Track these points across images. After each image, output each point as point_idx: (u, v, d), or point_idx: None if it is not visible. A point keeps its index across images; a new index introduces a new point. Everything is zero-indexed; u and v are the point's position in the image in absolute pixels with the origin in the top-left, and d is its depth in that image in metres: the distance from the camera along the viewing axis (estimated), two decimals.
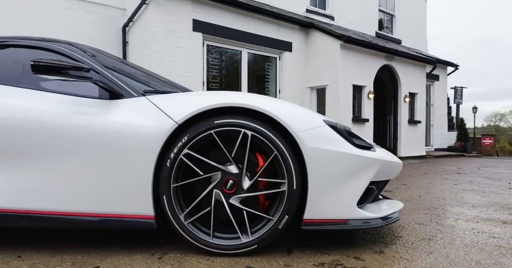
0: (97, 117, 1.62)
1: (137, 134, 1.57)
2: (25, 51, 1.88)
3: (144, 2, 5.58)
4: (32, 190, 1.57)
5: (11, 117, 1.61)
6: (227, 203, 1.59)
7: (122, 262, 1.48)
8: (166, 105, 1.63)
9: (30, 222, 1.56)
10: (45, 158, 1.58)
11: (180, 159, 1.57)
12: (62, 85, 1.85)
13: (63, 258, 1.51)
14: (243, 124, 1.58)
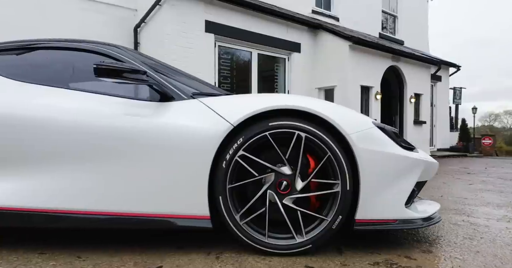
0: (152, 119, 1.64)
1: (193, 135, 1.59)
2: (74, 54, 1.90)
3: (157, 3, 5.59)
4: (91, 191, 1.58)
5: (69, 119, 1.62)
6: (281, 203, 1.62)
7: (182, 261, 1.50)
8: (220, 107, 1.65)
9: (90, 223, 1.58)
10: (102, 160, 1.60)
11: (235, 160, 1.60)
12: (109, 87, 1.87)
13: (123, 258, 1.53)
14: (297, 126, 1.61)
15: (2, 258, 1.49)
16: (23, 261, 1.47)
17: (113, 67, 1.53)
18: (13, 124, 1.61)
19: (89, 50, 1.89)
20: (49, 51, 1.92)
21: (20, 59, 1.90)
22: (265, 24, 6.90)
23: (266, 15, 6.83)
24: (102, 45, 1.91)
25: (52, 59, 1.91)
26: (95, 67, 1.51)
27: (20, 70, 1.84)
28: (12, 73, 1.81)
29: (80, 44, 1.91)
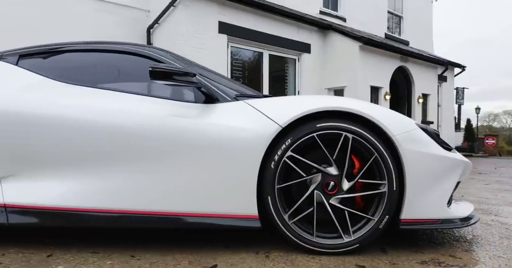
0: (199, 120, 1.67)
1: (242, 136, 1.62)
2: (117, 56, 1.93)
3: (172, 4, 5.62)
4: (143, 192, 1.61)
5: (118, 121, 1.65)
6: (328, 204, 1.65)
7: (234, 260, 1.53)
8: (267, 109, 1.68)
9: (142, 223, 1.60)
10: (152, 161, 1.63)
11: (284, 161, 1.63)
12: (150, 88, 1.90)
13: (175, 257, 1.56)
14: (345, 128, 1.63)
15: (58, 258, 1.52)
16: (80, 260, 1.50)
17: (167, 69, 1.56)
18: (64, 126, 1.64)
19: (132, 53, 1.92)
20: (93, 53, 1.95)
21: (64, 61, 1.93)
22: (276, 25, 6.93)
23: (277, 15, 6.86)
24: (144, 47, 1.94)
25: (96, 61, 1.94)
26: (151, 70, 1.54)
27: (64, 72, 1.86)
28: (57, 74, 1.83)
29: (123, 46, 1.93)
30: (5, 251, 1.58)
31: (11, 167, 1.64)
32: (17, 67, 1.86)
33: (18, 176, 1.64)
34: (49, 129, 1.63)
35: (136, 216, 1.60)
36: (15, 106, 1.66)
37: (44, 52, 1.94)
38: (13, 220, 1.58)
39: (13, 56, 1.92)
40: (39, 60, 1.91)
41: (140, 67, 1.93)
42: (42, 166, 1.64)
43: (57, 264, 1.44)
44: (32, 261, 1.48)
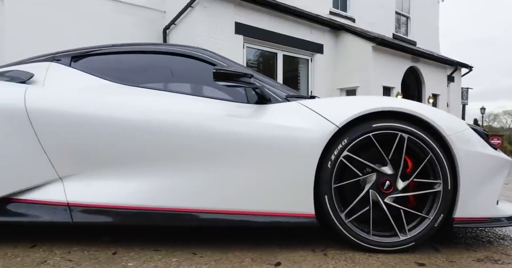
0: (255, 120, 1.70)
1: (299, 136, 1.65)
2: (169, 58, 1.96)
3: (190, 5, 5.65)
4: (204, 191, 1.64)
5: (178, 121, 1.68)
6: (384, 202, 1.67)
7: (295, 258, 1.56)
8: (322, 110, 1.71)
9: (202, 221, 1.64)
10: (212, 160, 1.66)
11: (340, 160, 1.66)
12: (201, 89, 1.94)
13: (236, 255, 1.59)
14: (400, 128, 1.66)
15: (123, 255, 1.55)
16: (145, 257, 1.53)
17: (230, 71, 1.59)
18: (124, 126, 1.67)
19: (182, 54, 1.95)
20: (143, 55, 1.98)
21: (116, 62, 1.96)
22: (290, 26, 6.96)
23: (291, 16, 6.89)
24: (193, 49, 1.97)
25: (147, 62, 1.97)
26: (214, 72, 1.57)
27: (118, 73, 1.90)
28: (111, 76, 1.86)
29: (173, 47, 1.97)
30: (69, 249, 1.62)
31: (73, 167, 1.67)
32: (71, 68, 1.90)
33: (80, 176, 1.67)
34: (109, 129, 1.66)
35: (198, 214, 1.63)
36: (74, 107, 1.69)
37: (96, 53, 1.97)
38: (77, 218, 1.61)
39: (65, 57, 1.95)
40: (92, 61, 1.95)
41: (190, 68, 1.97)
42: (103, 165, 1.67)
43: (126, 262, 1.47)
44: (100, 258, 1.51)
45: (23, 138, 1.63)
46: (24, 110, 1.63)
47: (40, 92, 1.71)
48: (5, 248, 1.61)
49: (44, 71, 1.89)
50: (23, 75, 1.84)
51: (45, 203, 1.63)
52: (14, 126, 1.63)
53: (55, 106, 1.67)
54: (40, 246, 1.64)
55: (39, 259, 1.47)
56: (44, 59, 1.97)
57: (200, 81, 1.98)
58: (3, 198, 1.63)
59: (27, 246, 1.64)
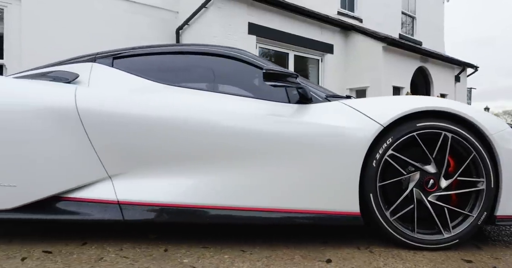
0: (300, 119, 1.72)
1: (344, 136, 1.68)
2: (209, 58, 1.99)
3: (204, 5, 5.68)
4: (250, 189, 1.67)
5: (222, 121, 1.71)
6: (427, 201, 1.70)
7: (343, 255, 1.59)
8: (366, 109, 1.73)
9: (252, 219, 1.66)
10: (256, 159, 1.68)
11: (385, 159, 1.68)
12: (240, 89, 1.96)
13: (284, 252, 1.61)
14: (444, 127, 1.69)
15: (175, 252, 1.58)
16: (197, 254, 1.56)
17: (278, 71, 1.62)
18: (171, 126, 1.69)
19: (223, 55, 1.98)
20: (185, 56, 2.01)
21: (158, 62, 1.99)
22: (301, 26, 6.99)
23: (302, 16, 6.92)
24: (234, 50, 2.00)
25: (188, 62, 2.00)
26: (264, 72, 1.60)
27: (161, 73, 1.92)
28: (155, 76, 1.89)
29: (214, 48, 2.00)
30: (120, 246, 1.65)
31: (122, 165, 1.70)
32: (113, 69, 1.93)
33: (128, 174, 1.70)
34: (157, 129, 1.69)
35: (245, 212, 1.66)
36: (123, 107, 1.71)
37: (137, 54, 2.00)
38: (128, 216, 1.64)
39: (107, 58, 1.98)
40: (133, 62, 1.97)
41: (229, 69, 2.00)
42: (151, 164, 1.70)
43: (180, 258, 1.50)
44: (153, 255, 1.54)
45: (74, 138, 1.66)
46: (76, 111, 1.66)
47: (89, 93, 1.74)
48: (57, 245, 1.64)
49: (87, 71, 1.91)
50: (69, 75, 1.87)
51: (96, 201, 1.66)
52: (65, 126, 1.65)
53: (105, 107, 1.69)
54: (91, 244, 1.67)
55: (95, 256, 1.50)
56: (85, 59, 2.00)
57: (240, 81, 2.00)
58: (53, 196, 1.66)
59: (78, 243, 1.67)
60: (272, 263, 1.47)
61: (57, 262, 1.43)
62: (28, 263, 1.41)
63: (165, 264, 1.43)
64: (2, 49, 4.90)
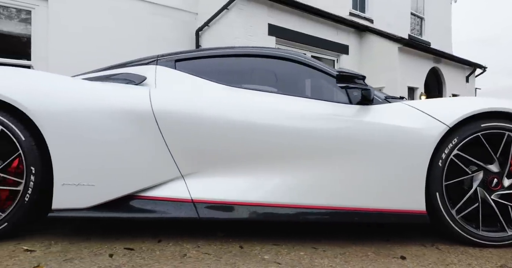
0: (363, 120, 1.77)
1: (410, 136, 1.73)
2: (270, 61, 2.04)
3: (225, 7, 5.73)
4: (322, 187, 1.72)
5: (288, 121, 1.75)
6: (491, 199, 1.75)
7: (415, 252, 1.64)
8: (430, 110, 1.78)
9: (322, 216, 1.71)
10: (326, 158, 1.73)
11: (451, 159, 1.73)
12: (302, 90, 2.01)
13: (355, 249, 1.66)
14: (508, 127, 1.74)
15: (250, 248, 1.63)
16: (272, 251, 1.61)
17: (351, 74, 1.68)
18: (239, 126, 1.74)
19: (284, 57, 2.03)
20: (246, 58, 2.06)
21: (219, 65, 2.04)
22: (317, 27, 7.05)
23: (319, 18, 6.97)
24: (294, 53, 2.05)
25: (250, 65, 2.05)
26: (338, 74, 1.66)
27: (223, 75, 1.97)
28: (218, 78, 1.94)
29: (275, 51, 2.05)
30: (195, 243, 1.69)
31: (194, 165, 1.74)
32: (177, 71, 1.98)
33: (201, 173, 1.75)
34: (228, 130, 1.74)
35: (314, 210, 1.71)
36: (193, 108, 1.76)
37: (198, 56, 2.05)
38: (203, 214, 1.68)
39: (169, 60, 2.03)
40: (196, 64, 2.02)
41: (290, 70, 2.05)
42: (222, 164, 1.75)
43: (260, 255, 1.55)
44: (233, 252, 1.58)
45: (149, 139, 1.71)
46: (151, 112, 1.71)
47: (162, 94, 1.78)
48: (134, 243, 1.68)
49: (152, 73, 1.96)
50: (136, 78, 1.92)
51: (170, 200, 1.71)
52: (141, 127, 1.70)
53: (179, 108, 1.74)
54: (166, 241, 1.71)
55: (177, 253, 1.55)
56: (148, 62, 2.05)
57: (299, 83, 2.06)
58: (128, 195, 1.71)
59: (153, 241, 1.72)
60: (350, 260, 1.52)
61: (145, 258, 1.48)
62: (117, 259, 1.45)
63: (249, 260, 1.48)
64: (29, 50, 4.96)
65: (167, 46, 6.04)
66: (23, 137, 1.63)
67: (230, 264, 1.43)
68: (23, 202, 1.62)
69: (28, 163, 1.62)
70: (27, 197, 1.62)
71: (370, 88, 1.82)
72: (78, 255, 1.50)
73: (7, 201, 1.71)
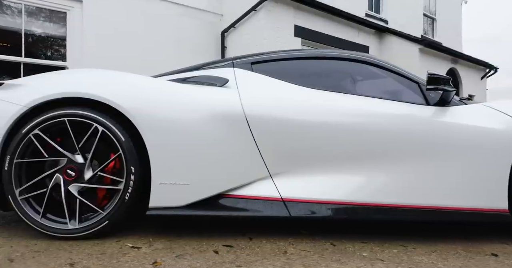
0: (447, 121, 1.82)
1: (493, 136, 1.78)
2: (345, 63, 2.09)
3: (254, 8, 5.79)
4: (409, 187, 1.77)
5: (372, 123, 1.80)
6: None
7: (502, 250, 1.69)
8: (510, 111, 1.84)
9: (411, 215, 1.76)
10: (411, 159, 1.78)
11: None
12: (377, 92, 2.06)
13: (441, 247, 1.71)
14: None
15: (341, 246, 1.68)
16: (365, 248, 1.66)
17: (441, 76, 1.73)
18: (328, 127, 1.79)
19: (358, 60, 2.08)
20: (319, 61, 2.11)
21: (296, 67, 2.09)
22: (339, 28, 7.10)
23: (341, 18, 7.03)
24: (367, 55, 2.11)
25: (327, 67, 2.10)
26: (429, 77, 1.71)
27: (301, 78, 2.02)
28: (297, 80, 1.98)
29: (349, 54, 2.10)
30: (285, 241, 1.74)
31: (282, 165, 1.79)
32: (255, 73, 2.02)
33: (288, 173, 1.80)
34: (314, 131, 1.79)
35: (404, 209, 1.76)
36: (281, 110, 1.81)
37: (274, 59, 2.10)
38: (294, 213, 1.73)
39: (245, 63, 2.08)
40: (272, 66, 2.07)
41: (365, 72, 2.10)
42: (309, 164, 1.80)
43: (358, 251, 1.60)
44: (329, 249, 1.64)
45: (241, 140, 1.76)
46: (243, 114, 1.76)
47: (251, 96, 1.83)
48: (227, 240, 1.73)
49: (232, 76, 2.01)
50: (219, 80, 1.97)
51: (261, 199, 1.76)
52: (234, 129, 1.75)
53: (268, 110, 1.79)
54: (257, 239, 1.76)
55: (276, 250, 1.60)
56: (224, 64, 2.09)
57: (374, 84, 2.10)
58: (218, 194, 1.76)
59: (245, 239, 1.77)
60: (446, 257, 1.57)
61: (250, 255, 1.53)
62: (225, 256, 1.51)
63: (350, 257, 1.53)
64: (65, 52, 5.02)
65: (194, 47, 6.12)
66: (123, 138, 1.68)
67: (335, 260, 1.48)
68: (123, 201, 1.67)
69: (128, 163, 1.67)
70: (127, 196, 1.67)
71: (453, 90, 1.87)
72: (184, 251, 1.55)
73: (103, 200, 1.77)
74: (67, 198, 1.68)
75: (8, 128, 1.68)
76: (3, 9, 4.59)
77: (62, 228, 1.67)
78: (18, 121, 1.69)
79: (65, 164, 1.71)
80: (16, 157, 1.67)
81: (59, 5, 4.88)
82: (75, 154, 1.72)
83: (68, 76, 1.79)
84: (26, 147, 1.69)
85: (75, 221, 1.67)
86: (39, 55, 4.88)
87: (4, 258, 1.43)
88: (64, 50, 4.99)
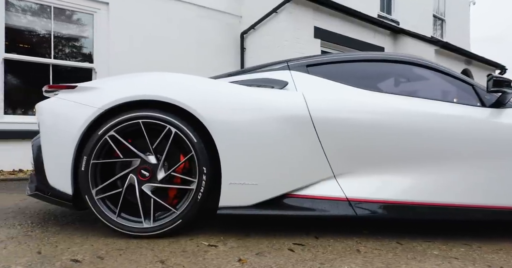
0: (506, 122, 1.86)
1: None
2: (397, 66, 2.14)
3: (275, 10, 5.83)
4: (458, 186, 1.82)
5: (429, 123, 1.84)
6: None
7: None
8: None
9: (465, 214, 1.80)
10: (468, 159, 1.83)
11: None
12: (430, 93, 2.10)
13: (507, 245, 1.75)
14: None
15: (409, 245, 1.72)
16: (426, 245, 1.70)
17: (505, 79, 1.77)
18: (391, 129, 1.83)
19: (412, 63, 2.12)
20: (373, 63, 2.16)
21: (351, 70, 2.13)
22: (356, 29, 7.13)
23: (358, 20, 7.06)
24: (419, 57, 2.15)
25: (381, 69, 2.14)
26: (495, 79, 1.75)
27: (358, 80, 2.06)
28: (354, 82, 2.03)
29: (399, 56, 2.14)
30: (352, 240, 1.79)
31: (346, 165, 1.84)
32: (311, 75, 2.07)
33: (352, 173, 1.84)
34: (378, 132, 1.83)
35: (457, 208, 1.80)
36: (344, 111, 1.85)
37: (329, 61, 2.14)
38: (360, 212, 1.78)
39: (300, 65, 2.13)
40: (327, 69, 2.11)
41: (419, 75, 2.14)
42: (374, 164, 1.84)
43: (428, 251, 1.64)
44: (399, 248, 1.68)
45: (306, 141, 1.80)
46: (309, 116, 1.81)
47: (315, 99, 1.87)
48: (295, 239, 1.78)
49: (289, 78, 2.06)
50: (278, 82, 2.02)
51: (326, 199, 1.81)
52: (300, 130, 1.79)
53: (333, 112, 1.84)
54: (323, 238, 1.81)
55: (348, 248, 1.65)
56: (280, 67, 2.14)
57: (428, 86, 2.15)
58: (283, 194, 1.81)
59: (311, 238, 1.81)
60: (483, 256, 1.60)
61: (325, 253, 1.57)
62: (302, 254, 1.55)
63: (423, 255, 1.57)
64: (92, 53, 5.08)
65: (215, 49, 6.17)
66: (195, 139, 1.73)
67: (411, 258, 1.53)
68: (196, 200, 1.72)
69: (201, 163, 1.72)
70: (200, 195, 1.71)
71: (507, 92, 1.91)
72: (261, 250, 1.60)
73: (173, 200, 1.81)
74: (141, 198, 1.73)
75: (84, 130, 1.72)
76: (33, 11, 4.64)
77: (137, 226, 1.71)
78: (92, 123, 1.74)
79: (139, 164, 1.76)
80: (92, 158, 1.71)
81: (86, 7, 4.93)
82: (147, 155, 1.77)
83: (142, 79, 1.83)
84: (102, 148, 1.74)
85: (149, 220, 1.72)
86: (67, 56, 4.93)
87: (93, 255, 1.47)
88: (91, 52, 5.04)
